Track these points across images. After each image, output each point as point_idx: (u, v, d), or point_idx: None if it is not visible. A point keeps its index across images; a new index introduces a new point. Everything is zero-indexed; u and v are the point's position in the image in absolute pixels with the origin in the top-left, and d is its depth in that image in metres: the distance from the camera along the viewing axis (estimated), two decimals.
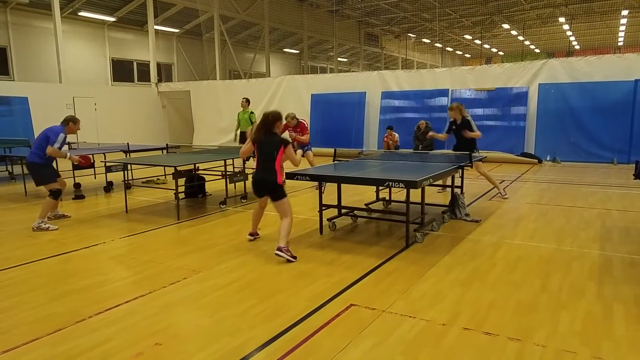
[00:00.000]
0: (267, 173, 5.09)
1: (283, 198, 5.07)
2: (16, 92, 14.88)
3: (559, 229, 6.06)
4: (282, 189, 5.09)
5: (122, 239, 5.98)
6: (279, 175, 5.08)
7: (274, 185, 5.05)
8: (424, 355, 3.02)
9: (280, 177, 5.09)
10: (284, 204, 5.08)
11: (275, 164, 5.07)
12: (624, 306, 3.68)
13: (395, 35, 37.19)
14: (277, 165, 5.09)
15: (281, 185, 5.10)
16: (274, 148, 5.09)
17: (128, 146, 9.90)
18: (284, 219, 5.05)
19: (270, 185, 5.08)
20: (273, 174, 5.06)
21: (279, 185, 5.07)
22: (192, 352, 3.10)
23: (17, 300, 4.02)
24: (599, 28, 33.07)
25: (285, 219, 5.04)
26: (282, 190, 5.08)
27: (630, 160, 11.54)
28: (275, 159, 5.07)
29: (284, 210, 5.09)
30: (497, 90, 13.89)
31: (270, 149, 5.10)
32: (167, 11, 22.42)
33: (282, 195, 5.07)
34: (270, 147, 5.11)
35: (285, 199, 5.08)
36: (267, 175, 5.09)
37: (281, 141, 5.16)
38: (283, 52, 31.93)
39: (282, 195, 5.07)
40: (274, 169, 5.07)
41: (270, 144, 5.12)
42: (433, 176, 5.45)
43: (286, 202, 5.09)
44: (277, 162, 5.09)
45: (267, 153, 5.11)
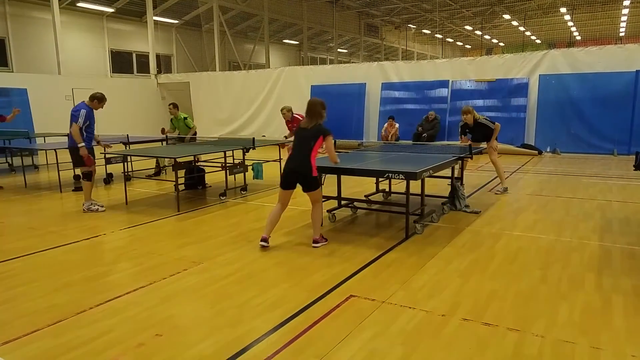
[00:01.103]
0: (301, 164, 4.90)
1: (318, 187, 5.04)
2: (15, 84, 14.83)
3: (559, 220, 6.06)
4: (317, 179, 5.01)
5: (122, 231, 5.99)
6: (314, 167, 4.91)
7: (309, 177, 4.90)
8: (424, 345, 3.03)
9: (314, 168, 4.93)
10: (317, 193, 5.06)
11: (312, 155, 4.89)
12: (623, 297, 3.69)
13: (396, 26, 37.00)
14: (313, 156, 4.90)
15: (317, 177, 5.00)
16: (310, 139, 4.90)
17: (128, 138, 9.89)
18: (314, 207, 5.07)
19: (305, 177, 4.91)
20: (308, 165, 4.88)
21: (314, 177, 4.94)
22: (192, 342, 3.11)
23: (18, 292, 4.03)
24: (600, 19, 32.90)
25: (315, 206, 5.06)
26: (318, 180, 5.02)
27: (630, 151, 11.52)
28: (311, 149, 4.88)
29: (316, 198, 5.08)
30: (498, 81, 13.84)
31: (306, 139, 4.92)
32: (166, 2, 22.29)
33: (318, 184, 5.04)
34: (307, 137, 4.92)
35: (319, 189, 5.08)
36: (301, 166, 4.90)
37: (320, 131, 4.93)
38: (283, 43, 31.79)
39: (318, 184, 5.04)
40: (310, 160, 4.88)
41: (309, 132, 4.93)
42: (433, 167, 5.45)
43: (319, 192, 5.10)
44: (314, 152, 4.90)
45: (304, 142, 4.92)
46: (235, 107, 18.45)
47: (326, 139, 4.95)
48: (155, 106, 20.22)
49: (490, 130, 7.73)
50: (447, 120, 14.29)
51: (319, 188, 5.07)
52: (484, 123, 7.74)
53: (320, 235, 5.13)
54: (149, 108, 19.87)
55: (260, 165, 8.40)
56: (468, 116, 7.72)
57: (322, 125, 4.99)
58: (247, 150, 8.14)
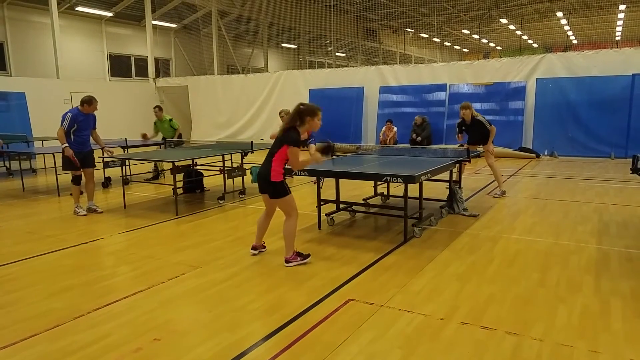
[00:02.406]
0: (263, 167, 4.63)
1: (283, 196, 4.54)
2: (14, 88, 14.83)
3: (557, 223, 6.08)
4: (281, 186, 4.54)
5: (120, 235, 5.98)
6: (273, 172, 4.52)
7: (267, 179, 4.54)
8: (422, 349, 3.03)
9: (276, 173, 4.53)
10: (285, 202, 4.58)
11: (272, 160, 4.54)
12: (621, 300, 3.70)
13: (393, 30, 37.09)
14: (274, 162, 4.53)
15: (279, 183, 4.54)
16: (277, 144, 4.55)
17: (126, 141, 9.88)
18: (286, 219, 4.60)
19: (265, 180, 4.57)
20: (268, 169, 4.55)
21: (274, 182, 4.52)
22: (191, 347, 3.11)
23: (16, 296, 4.02)
24: (596, 23, 33.04)
25: (287, 219, 4.60)
26: (281, 188, 4.54)
27: (627, 154, 11.55)
28: (272, 155, 4.55)
29: (286, 209, 4.62)
30: (495, 85, 13.88)
31: (275, 143, 4.59)
32: (164, 6, 22.33)
33: (283, 193, 4.54)
34: (276, 141, 4.59)
35: (284, 198, 4.55)
36: (263, 169, 4.62)
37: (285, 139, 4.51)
38: (281, 47, 31.85)
39: (283, 193, 4.54)
40: (270, 165, 4.55)
41: (278, 139, 4.59)
42: (431, 171, 5.46)
43: (286, 202, 4.57)
44: (275, 158, 4.53)
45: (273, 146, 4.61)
46: (233, 111, 18.46)
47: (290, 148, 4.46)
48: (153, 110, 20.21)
49: (486, 131, 7.73)
50: (445, 123, 14.31)
51: (286, 197, 4.55)
52: (480, 120, 7.74)
53: (295, 252, 4.63)
54: (148, 112, 19.69)
55: (258, 168, 8.38)
56: (467, 111, 7.72)
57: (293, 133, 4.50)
58: (246, 153, 8.14)
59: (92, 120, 7.07)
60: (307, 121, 4.56)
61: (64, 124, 6.74)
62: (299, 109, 4.58)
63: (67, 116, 6.79)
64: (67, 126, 6.73)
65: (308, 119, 4.56)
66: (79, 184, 7.03)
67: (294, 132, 4.53)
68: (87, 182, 7.11)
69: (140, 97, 19.83)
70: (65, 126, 6.72)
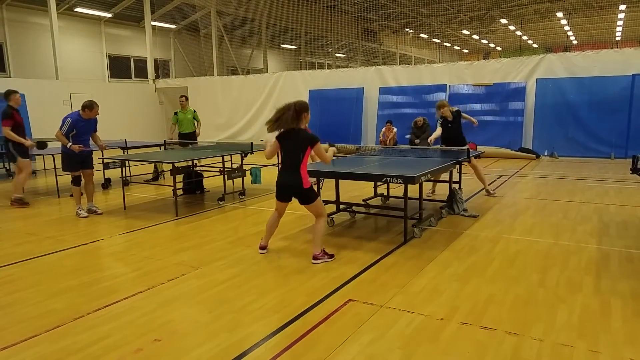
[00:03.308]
0: (292, 177, 4.59)
1: (315, 200, 4.67)
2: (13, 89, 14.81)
3: (557, 223, 6.08)
4: (311, 191, 4.65)
5: (120, 236, 5.98)
6: (304, 179, 4.57)
7: (300, 189, 4.59)
8: (422, 349, 3.03)
9: (306, 179, 4.61)
10: (316, 206, 4.70)
11: (301, 166, 4.56)
12: (621, 300, 3.70)
13: (393, 31, 37.13)
14: (303, 168, 4.58)
15: (310, 188, 4.64)
16: (300, 148, 4.55)
17: (126, 143, 9.88)
18: (317, 220, 4.74)
19: (297, 190, 4.62)
20: (298, 178, 4.55)
21: (307, 189, 4.60)
22: (191, 347, 3.11)
23: (16, 297, 4.02)
24: (596, 23, 33.07)
25: (318, 219, 4.74)
26: (312, 193, 4.65)
27: (627, 154, 11.55)
28: (301, 161, 4.55)
29: (317, 211, 4.74)
30: (495, 86, 13.89)
31: (295, 148, 4.57)
32: (164, 7, 22.35)
33: (314, 197, 4.66)
34: (295, 146, 4.58)
35: (317, 201, 4.69)
36: (292, 179, 4.59)
37: (308, 138, 4.58)
38: (281, 48, 31.88)
39: (314, 197, 4.66)
40: (299, 172, 4.56)
41: (296, 143, 4.58)
42: (431, 171, 5.46)
43: (319, 203, 4.73)
44: (303, 164, 4.58)
45: (292, 153, 4.59)
46: (233, 112, 18.47)
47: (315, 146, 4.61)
48: (153, 111, 20.25)
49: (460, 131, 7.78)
50: None
51: (318, 199, 4.74)
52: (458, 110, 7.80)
53: (323, 250, 4.76)
54: (147, 113, 19.89)
55: (258, 169, 8.40)
56: (445, 109, 7.71)
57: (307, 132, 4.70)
58: (246, 154, 8.14)
59: (92, 124, 7.11)
60: (304, 117, 4.66)
61: (63, 129, 6.73)
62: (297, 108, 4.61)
63: (67, 121, 6.76)
64: (66, 131, 6.72)
65: (304, 115, 4.66)
66: (79, 185, 7.05)
67: (306, 131, 4.70)
68: (86, 183, 7.13)
69: (139, 98, 19.86)
70: (64, 131, 6.72)
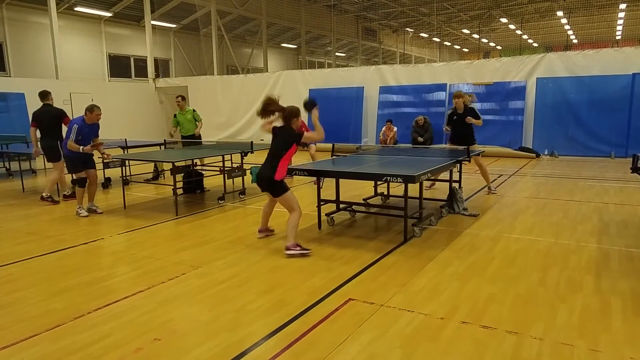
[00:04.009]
0: (266, 169, 4.99)
1: (283, 194, 4.95)
2: (13, 88, 14.84)
3: (557, 222, 6.08)
4: (280, 185, 4.96)
5: (120, 235, 5.98)
6: (277, 171, 4.92)
7: (270, 181, 4.95)
8: (423, 348, 3.03)
9: (279, 173, 4.93)
10: (285, 199, 4.96)
11: (281, 160, 4.95)
12: (622, 299, 3.70)
13: (393, 30, 37.10)
14: (281, 162, 4.95)
15: (279, 181, 4.95)
16: (286, 144, 4.98)
17: (126, 142, 9.88)
18: (290, 214, 4.95)
19: (267, 181, 4.98)
20: (271, 170, 4.93)
21: (276, 181, 4.93)
22: (191, 347, 3.11)
23: (16, 297, 4.02)
24: (597, 22, 33.07)
25: (291, 214, 4.95)
26: (280, 186, 4.95)
27: (627, 154, 11.55)
28: (282, 156, 4.96)
29: (288, 205, 4.99)
30: (495, 85, 13.89)
31: (281, 144, 5.00)
32: (164, 6, 22.33)
33: (281, 190, 4.95)
34: (282, 142, 5.01)
35: (285, 194, 4.95)
36: (265, 170, 4.99)
37: (294, 136, 5.00)
38: (281, 47, 31.85)
39: (281, 190, 4.95)
40: (276, 165, 4.93)
41: (283, 139, 5.01)
42: (431, 171, 5.46)
43: (288, 197, 4.96)
44: (284, 158, 4.97)
45: (277, 147, 5.01)
46: (233, 111, 18.46)
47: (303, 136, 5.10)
48: (153, 110, 20.26)
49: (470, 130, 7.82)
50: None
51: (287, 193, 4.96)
52: (473, 108, 7.82)
53: (295, 243, 4.89)
54: (147, 112, 19.89)
55: (258, 169, 8.39)
56: (459, 100, 7.75)
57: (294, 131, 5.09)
58: (246, 154, 8.14)
59: (95, 130, 7.19)
60: (294, 122, 5.06)
61: (72, 137, 6.81)
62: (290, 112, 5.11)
63: (74, 128, 6.84)
64: (74, 138, 6.81)
65: (294, 120, 5.06)
66: (84, 187, 7.08)
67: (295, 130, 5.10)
68: (90, 184, 7.16)
69: (139, 97, 19.85)
70: (73, 138, 6.80)
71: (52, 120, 7.85)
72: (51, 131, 7.89)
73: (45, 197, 7.89)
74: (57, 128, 7.91)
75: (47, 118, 7.87)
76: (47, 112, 7.92)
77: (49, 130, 7.89)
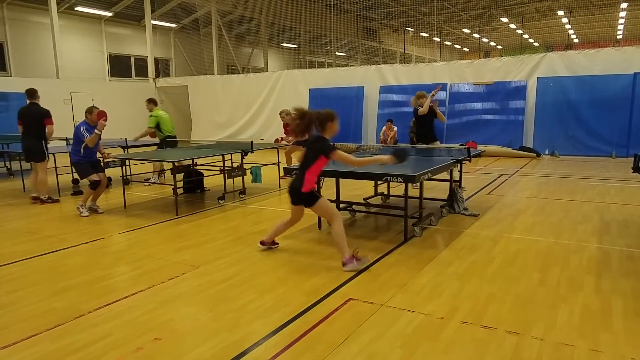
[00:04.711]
0: (296, 180, 4.59)
1: (315, 203, 4.52)
2: (13, 88, 14.83)
3: (558, 222, 6.07)
4: (311, 195, 4.52)
5: (121, 235, 5.98)
6: (304, 184, 4.48)
7: (298, 192, 4.51)
8: (423, 348, 3.03)
9: (306, 185, 4.48)
10: (320, 207, 4.57)
11: (307, 171, 4.49)
12: (622, 299, 3.69)
13: (394, 30, 37.10)
14: (307, 174, 4.49)
15: (309, 193, 4.51)
16: (313, 156, 4.49)
17: (126, 142, 9.88)
18: (331, 224, 4.57)
19: (297, 193, 4.55)
20: (300, 181, 4.50)
21: (304, 193, 4.49)
22: (191, 346, 3.11)
23: (16, 296, 4.02)
24: (598, 21, 33.04)
25: (332, 223, 4.56)
26: (311, 197, 4.52)
27: (628, 153, 11.55)
28: (308, 167, 4.49)
29: (325, 214, 4.67)
30: (496, 84, 13.88)
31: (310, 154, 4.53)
32: (164, 6, 22.34)
33: (313, 200, 4.52)
34: (310, 152, 4.53)
35: (318, 203, 4.52)
36: (295, 181, 4.59)
37: (321, 149, 4.44)
38: (281, 47, 31.86)
39: (313, 200, 4.52)
40: (302, 176, 4.50)
41: (312, 150, 4.53)
42: (431, 170, 5.45)
43: (321, 205, 4.54)
44: (310, 170, 4.49)
45: (306, 158, 4.56)
46: (233, 111, 18.46)
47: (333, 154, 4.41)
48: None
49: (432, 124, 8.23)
50: (446, 123, 14.30)
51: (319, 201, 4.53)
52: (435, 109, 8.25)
53: (352, 255, 4.46)
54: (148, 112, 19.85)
55: (258, 168, 8.40)
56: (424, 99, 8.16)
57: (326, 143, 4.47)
58: (246, 153, 8.14)
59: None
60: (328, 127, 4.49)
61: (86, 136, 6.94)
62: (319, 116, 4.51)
63: (82, 130, 7.00)
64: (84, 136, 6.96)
65: (329, 125, 4.49)
66: (95, 189, 7.10)
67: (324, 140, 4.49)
68: (100, 186, 7.17)
69: (140, 97, 19.71)
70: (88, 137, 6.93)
71: (36, 120, 7.77)
72: (35, 130, 7.77)
73: (44, 199, 7.88)
74: (42, 128, 7.81)
75: (32, 117, 7.78)
76: (33, 111, 7.81)
77: (33, 129, 7.77)
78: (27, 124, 7.83)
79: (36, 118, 7.78)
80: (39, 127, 7.80)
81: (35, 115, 7.79)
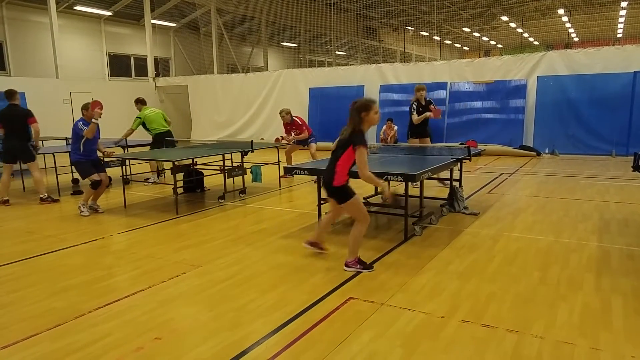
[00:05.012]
0: (327, 172, 4.40)
1: (346, 200, 4.32)
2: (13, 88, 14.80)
3: (558, 221, 6.07)
4: (343, 191, 4.33)
5: (121, 234, 5.98)
6: (336, 178, 4.29)
7: (329, 186, 4.35)
8: (423, 347, 3.03)
9: (337, 179, 4.30)
10: (350, 206, 4.36)
11: (337, 163, 4.30)
12: (622, 298, 3.69)
13: (394, 28, 37.08)
14: (339, 166, 4.29)
15: (340, 187, 4.32)
16: (343, 145, 4.29)
17: (126, 141, 9.88)
18: (355, 225, 4.42)
19: (328, 187, 4.39)
20: (329, 175, 4.33)
21: (336, 187, 4.32)
22: (191, 346, 3.11)
23: (16, 296, 4.02)
24: (598, 20, 33.02)
25: (355, 224, 4.42)
26: (343, 192, 4.33)
27: (628, 152, 11.54)
28: (338, 158, 4.30)
29: (352, 214, 4.52)
30: (496, 83, 13.87)
31: (340, 145, 4.33)
32: (164, 5, 22.32)
33: (344, 197, 4.32)
34: (341, 143, 4.34)
35: (350, 201, 4.31)
36: (326, 174, 4.40)
37: (351, 139, 4.24)
38: (281, 46, 31.84)
39: (344, 197, 4.32)
40: (332, 169, 4.32)
41: (342, 140, 4.34)
42: (431, 169, 5.45)
43: (352, 204, 4.34)
44: (340, 162, 4.29)
45: (336, 149, 4.36)
46: (233, 110, 18.45)
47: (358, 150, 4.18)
48: None
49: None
50: (446, 122, 14.31)
51: (351, 199, 4.32)
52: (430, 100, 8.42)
53: (356, 259, 4.43)
54: None
55: (259, 168, 8.40)
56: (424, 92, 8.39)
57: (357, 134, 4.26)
58: (246, 153, 8.14)
59: (96, 130, 7.20)
60: (363, 117, 4.32)
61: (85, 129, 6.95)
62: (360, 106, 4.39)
63: (79, 124, 7.02)
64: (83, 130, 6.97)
65: (363, 115, 4.33)
66: (97, 189, 7.10)
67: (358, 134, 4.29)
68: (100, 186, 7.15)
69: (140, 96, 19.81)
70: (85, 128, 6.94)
71: (19, 121, 7.74)
72: (19, 132, 7.77)
73: (44, 198, 7.90)
74: (25, 128, 7.82)
75: (14, 118, 7.75)
76: (14, 112, 7.78)
77: (17, 130, 7.75)
78: (10, 126, 7.78)
79: (19, 119, 7.76)
80: (23, 128, 7.80)
81: (17, 116, 7.78)
